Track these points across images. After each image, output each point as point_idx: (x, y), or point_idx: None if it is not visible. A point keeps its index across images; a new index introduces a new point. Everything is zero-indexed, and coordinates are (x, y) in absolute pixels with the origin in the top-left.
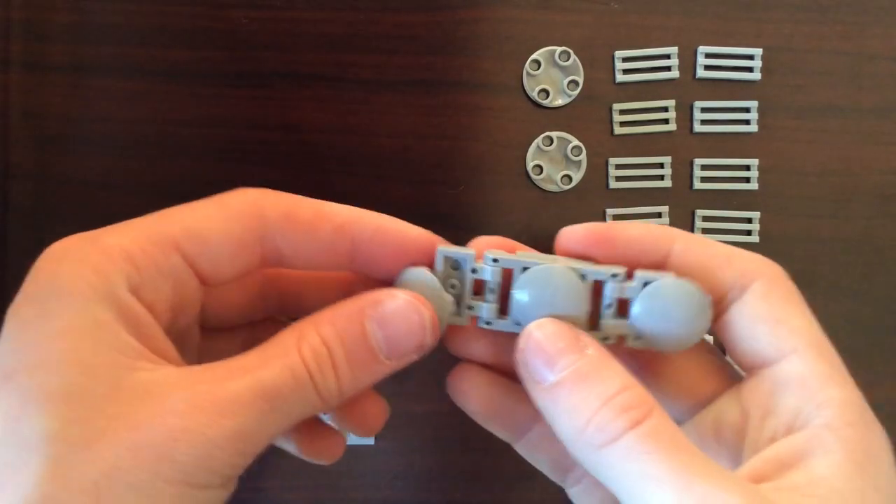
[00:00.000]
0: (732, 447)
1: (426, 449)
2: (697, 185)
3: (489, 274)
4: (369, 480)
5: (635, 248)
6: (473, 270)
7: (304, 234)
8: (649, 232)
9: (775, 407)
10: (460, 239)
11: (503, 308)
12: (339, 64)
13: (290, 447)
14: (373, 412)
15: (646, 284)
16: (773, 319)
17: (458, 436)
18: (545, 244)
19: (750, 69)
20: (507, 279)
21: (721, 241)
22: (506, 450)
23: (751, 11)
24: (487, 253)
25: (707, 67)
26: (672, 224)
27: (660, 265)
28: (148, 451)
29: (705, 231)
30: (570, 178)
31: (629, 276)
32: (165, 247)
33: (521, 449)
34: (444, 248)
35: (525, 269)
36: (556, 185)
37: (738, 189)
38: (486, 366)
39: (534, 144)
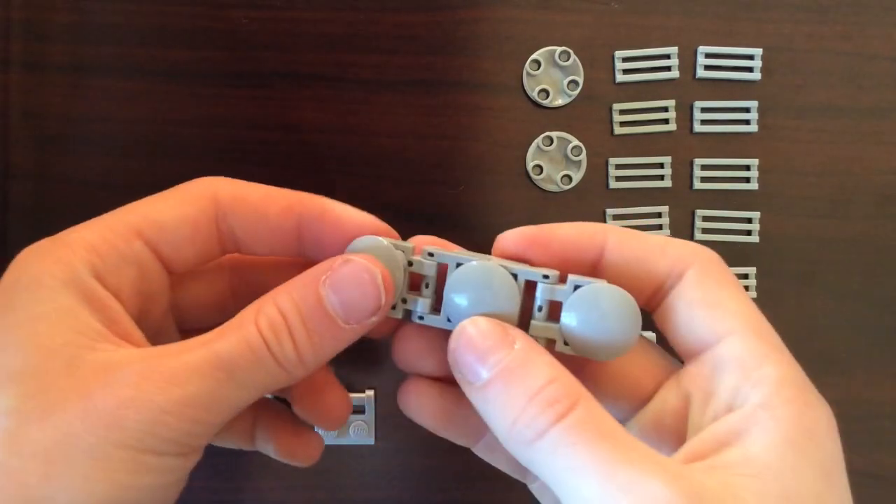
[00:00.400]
0: (675, 434)
1: (426, 449)
2: (697, 185)
3: (426, 268)
4: (369, 480)
5: (569, 248)
6: (410, 263)
7: (253, 216)
8: (581, 230)
9: (715, 388)
10: (460, 239)
11: (437, 305)
12: (339, 64)
13: (268, 450)
14: (336, 404)
15: (576, 288)
16: (709, 303)
17: None
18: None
19: (750, 69)
20: (443, 277)
21: (722, 241)
22: None
23: (751, 11)
24: (425, 247)
25: (707, 67)
26: (672, 224)
27: (595, 263)
28: (97, 418)
29: (705, 231)
30: (570, 178)
31: (562, 279)
32: (126, 234)
33: (480, 452)
34: (386, 239)
35: (459, 265)
36: (556, 185)
37: (738, 189)
38: (434, 378)
39: (534, 144)
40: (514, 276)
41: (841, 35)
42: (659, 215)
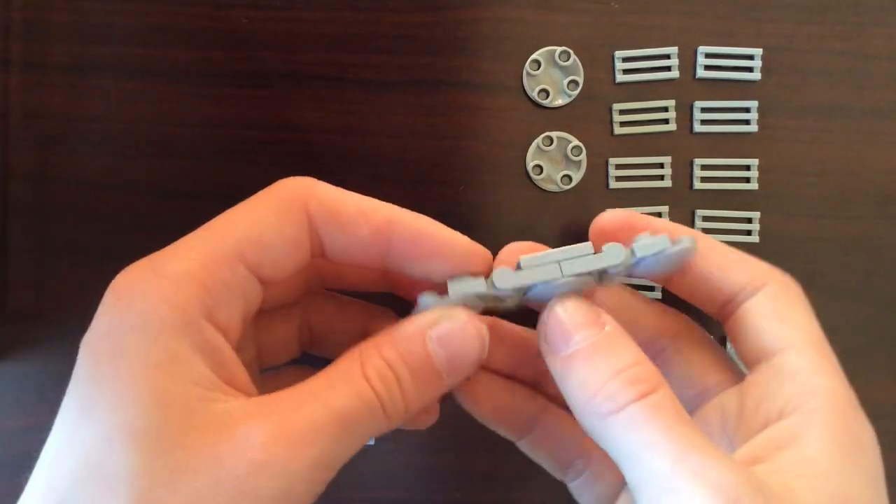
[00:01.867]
0: (732, 436)
1: (426, 449)
2: (697, 185)
3: (507, 294)
4: (369, 480)
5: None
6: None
7: (345, 232)
8: (676, 229)
9: (769, 394)
10: None
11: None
12: (339, 64)
13: None
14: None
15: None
16: (778, 317)
17: (457, 436)
18: (545, 244)
19: (750, 69)
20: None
21: (726, 244)
22: (506, 450)
23: (751, 11)
24: (498, 283)
25: (707, 67)
26: None
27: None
28: (230, 485)
29: (705, 231)
30: (570, 178)
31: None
32: (230, 261)
33: (524, 446)
34: (476, 282)
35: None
36: (556, 185)
37: (738, 189)
38: (491, 371)
39: (534, 144)
40: (592, 276)
41: (841, 35)
42: (659, 215)
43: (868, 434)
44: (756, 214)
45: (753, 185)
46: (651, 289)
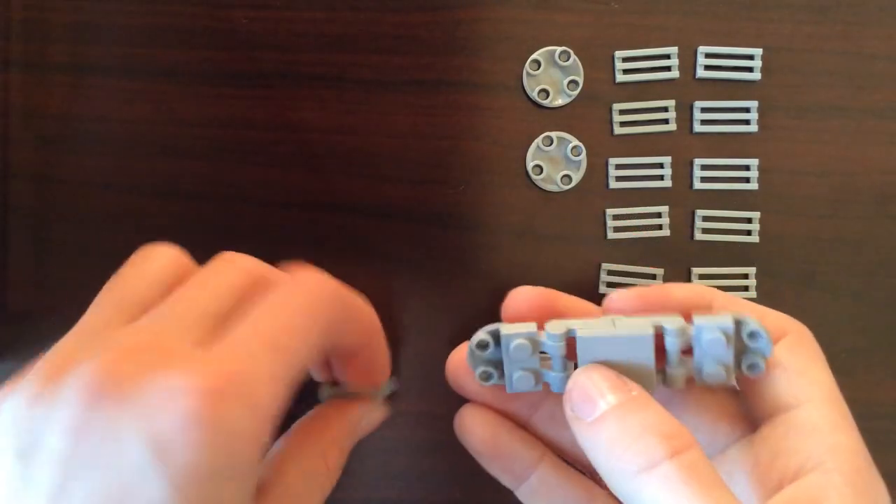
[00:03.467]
0: (748, 492)
1: (426, 449)
2: (697, 185)
3: (551, 350)
4: (369, 480)
5: (681, 308)
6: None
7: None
8: (693, 293)
9: (787, 449)
10: (461, 239)
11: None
12: (339, 64)
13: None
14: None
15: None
16: (795, 371)
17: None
18: (545, 244)
19: (750, 69)
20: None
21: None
22: None
23: (751, 11)
24: (549, 329)
25: (707, 67)
26: (672, 224)
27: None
28: None
29: (705, 231)
30: (570, 178)
31: (687, 318)
32: (285, 389)
33: (522, 495)
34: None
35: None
36: (556, 185)
37: (738, 189)
38: (491, 408)
39: (534, 144)
40: (646, 338)
41: (841, 35)
42: (659, 215)
43: (884, 492)
44: (756, 214)
45: (753, 185)
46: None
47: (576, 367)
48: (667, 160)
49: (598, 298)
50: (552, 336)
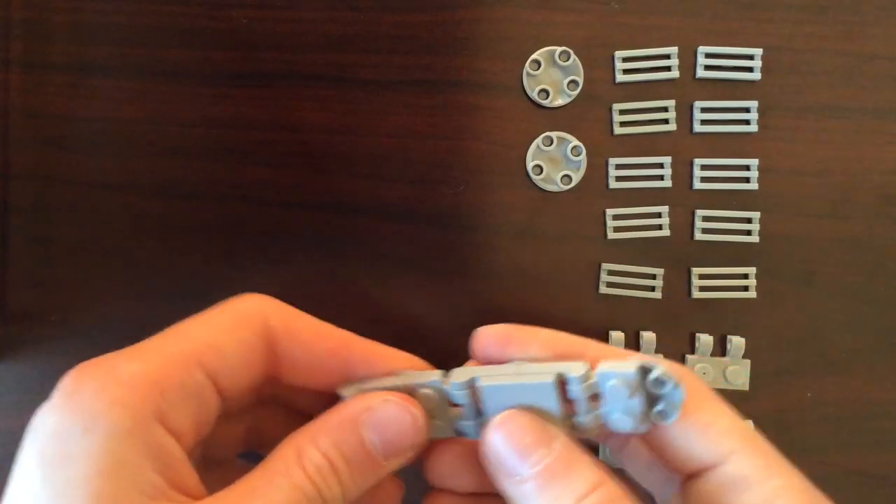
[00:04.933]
0: None
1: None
2: (697, 185)
3: (458, 398)
4: None
5: (549, 351)
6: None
7: (301, 350)
8: (559, 341)
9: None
10: (461, 239)
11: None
12: (339, 64)
13: None
14: (389, 496)
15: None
16: (702, 424)
17: None
18: (545, 244)
19: (750, 69)
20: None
21: (722, 241)
22: None
23: (751, 11)
24: (453, 379)
25: (707, 67)
26: (672, 225)
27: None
28: None
29: (705, 231)
30: (570, 178)
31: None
32: (188, 365)
33: None
34: (412, 373)
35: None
36: (556, 185)
37: (738, 189)
38: (460, 494)
39: (534, 144)
40: (547, 385)
41: (841, 35)
42: (659, 215)
43: None
44: (756, 214)
45: (753, 185)
46: (651, 289)
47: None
48: (667, 160)
49: (598, 298)
50: (455, 385)
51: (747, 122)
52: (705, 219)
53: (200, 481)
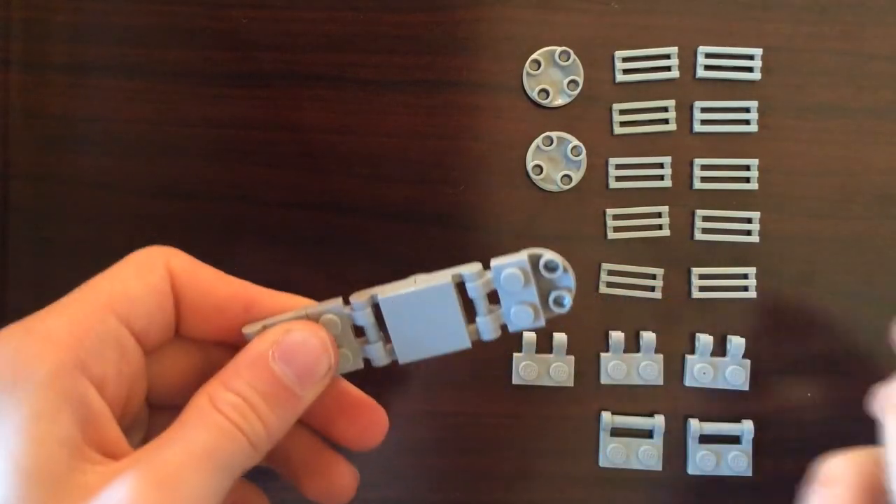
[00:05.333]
0: None
1: (426, 449)
2: (697, 185)
3: (359, 318)
4: (369, 480)
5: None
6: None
7: (203, 294)
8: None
9: None
10: (461, 239)
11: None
12: (339, 64)
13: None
14: (344, 479)
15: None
16: None
17: (458, 436)
18: (545, 244)
19: (750, 69)
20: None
21: (722, 241)
22: (506, 450)
23: (751, 11)
24: (353, 300)
25: (707, 67)
26: (672, 225)
27: None
28: None
29: (705, 231)
30: (570, 178)
31: (486, 267)
32: (100, 313)
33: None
34: (311, 307)
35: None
36: (556, 185)
37: (738, 189)
38: None
39: (534, 144)
40: (445, 286)
41: (841, 35)
42: (659, 215)
43: None
44: (756, 214)
45: (753, 185)
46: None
47: (388, 336)
48: (667, 160)
49: (598, 298)
50: (357, 305)
51: (747, 122)
52: (705, 219)
53: (123, 437)
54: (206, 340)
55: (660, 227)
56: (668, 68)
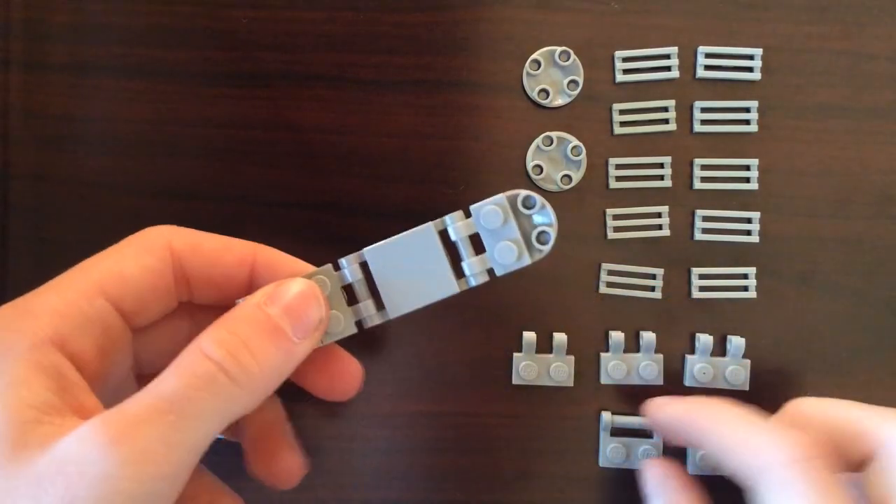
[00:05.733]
0: None
1: (426, 449)
2: (697, 185)
3: (349, 275)
4: (369, 480)
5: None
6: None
7: (208, 264)
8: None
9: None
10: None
11: (380, 301)
12: (339, 64)
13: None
14: (290, 463)
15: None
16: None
17: (458, 436)
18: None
19: (750, 69)
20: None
21: (722, 241)
22: (506, 449)
23: (751, 11)
24: (341, 261)
25: (707, 67)
26: (672, 224)
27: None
28: (50, 500)
29: (705, 231)
30: (570, 178)
31: (466, 214)
32: (89, 293)
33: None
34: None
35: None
36: (556, 185)
37: (738, 189)
38: None
39: (534, 144)
40: (427, 230)
41: (841, 35)
42: (659, 215)
43: None
44: (756, 214)
45: (753, 185)
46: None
47: (376, 292)
48: (667, 160)
49: (598, 298)
50: (344, 261)
51: (747, 122)
52: (705, 219)
53: (100, 404)
54: (219, 306)
55: (660, 227)
56: (668, 68)
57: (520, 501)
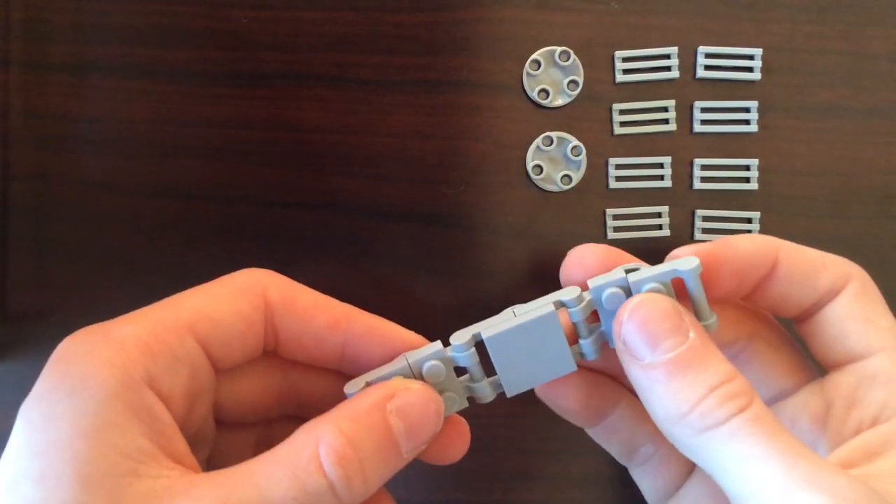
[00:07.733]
0: (809, 437)
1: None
2: (697, 185)
3: (463, 361)
4: None
5: (746, 264)
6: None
7: (301, 323)
8: (757, 244)
9: (861, 399)
10: (461, 239)
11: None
12: (339, 64)
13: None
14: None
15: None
16: (864, 319)
17: None
18: (545, 244)
19: (750, 69)
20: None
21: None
22: (506, 450)
23: (751, 11)
24: (454, 342)
25: (707, 67)
26: (672, 224)
27: (767, 276)
28: None
29: (705, 231)
30: (570, 178)
31: (583, 287)
32: (180, 331)
33: (596, 433)
34: (413, 354)
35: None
36: (556, 185)
37: (738, 189)
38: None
39: (534, 144)
40: (549, 315)
41: (841, 35)
42: (659, 215)
43: None
44: (756, 214)
45: (753, 185)
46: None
47: (491, 371)
48: (667, 160)
49: None
50: (458, 347)
51: (747, 122)
52: (705, 219)
53: (191, 452)
54: (301, 363)
55: (660, 227)
56: (668, 68)
57: (520, 501)
